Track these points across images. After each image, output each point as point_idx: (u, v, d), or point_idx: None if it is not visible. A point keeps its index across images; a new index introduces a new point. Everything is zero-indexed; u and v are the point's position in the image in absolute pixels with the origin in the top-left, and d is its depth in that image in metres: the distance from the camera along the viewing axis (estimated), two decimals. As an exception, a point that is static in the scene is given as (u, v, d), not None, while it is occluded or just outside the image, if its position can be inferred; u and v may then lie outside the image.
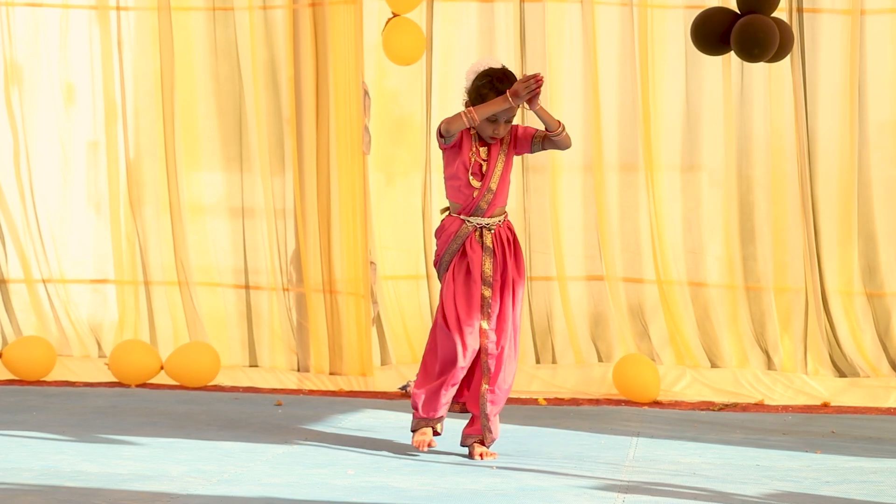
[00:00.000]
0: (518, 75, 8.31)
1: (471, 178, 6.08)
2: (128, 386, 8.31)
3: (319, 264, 8.53)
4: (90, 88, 8.81)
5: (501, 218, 6.14)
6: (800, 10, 8.15)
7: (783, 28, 6.92)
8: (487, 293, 6.04)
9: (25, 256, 8.83)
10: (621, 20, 8.37)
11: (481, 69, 6.11)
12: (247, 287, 8.74)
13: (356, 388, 8.38)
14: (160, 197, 8.78)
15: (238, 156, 8.71)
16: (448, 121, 5.99)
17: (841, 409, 7.83)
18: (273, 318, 8.68)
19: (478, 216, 6.10)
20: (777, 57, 6.98)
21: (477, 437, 6.12)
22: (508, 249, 6.13)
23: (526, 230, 8.49)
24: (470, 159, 6.06)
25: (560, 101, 8.44)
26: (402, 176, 8.76)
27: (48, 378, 8.56)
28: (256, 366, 8.67)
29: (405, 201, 8.69)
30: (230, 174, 8.74)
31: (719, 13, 7.06)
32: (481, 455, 6.05)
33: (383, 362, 8.56)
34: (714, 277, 8.42)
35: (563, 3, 8.40)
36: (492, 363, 6.05)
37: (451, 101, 8.52)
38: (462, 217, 6.11)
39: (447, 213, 6.19)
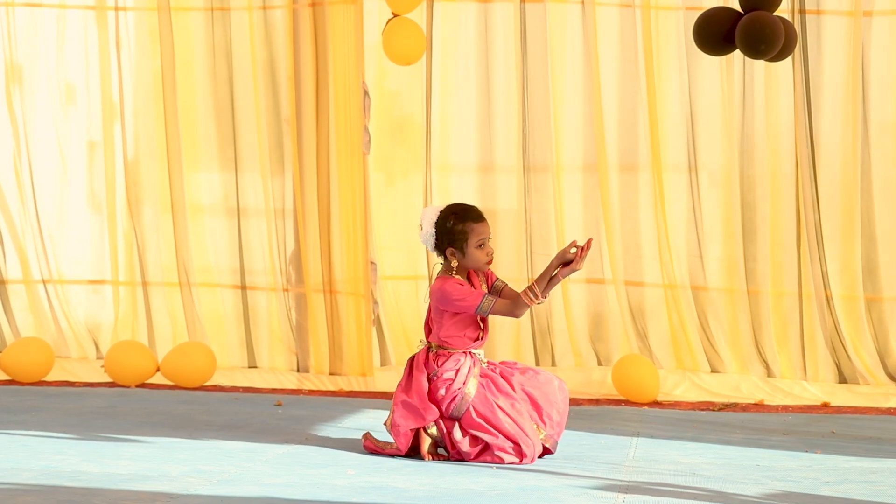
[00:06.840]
0: (519, 76, 8.42)
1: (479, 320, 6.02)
2: (127, 386, 8.31)
3: (319, 264, 8.53)
4: (89, 89, 8.81)
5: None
6: (802, 12, 8.14)
7: (787, 26, 6.91)
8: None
9: (25, 257, 8.83)
10: (622, 21, 8.36)
11: (437, 213, 5.95)
12: (244, 287, 8.74)
13: (356, 389, 8.38)
14: (159, 197, 8.77)
15: (238, 156, 8.70)
16: (510, 309, 5.86)
17: (841, 410, 7.83)
18: (272, 318, 8.68)
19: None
20: (779, 56, 6.97)
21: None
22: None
23: (526, 230, 8.48)
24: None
25: (561, 102, 8.43)
26: (402, 176, 8.76)
27: (47, 379, 8.56)
28: (255, 367, 8.67)
29: (405, 201, 8.69)
30: (229, 174, 8.74)
31: (722, 13, 7.05)
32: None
33: (383, 363, 8.56)
34: (714, 280, 8.40)
35: (563, 3, 8.40)
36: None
37: (452, 101, 8.53)
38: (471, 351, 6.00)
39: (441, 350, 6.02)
